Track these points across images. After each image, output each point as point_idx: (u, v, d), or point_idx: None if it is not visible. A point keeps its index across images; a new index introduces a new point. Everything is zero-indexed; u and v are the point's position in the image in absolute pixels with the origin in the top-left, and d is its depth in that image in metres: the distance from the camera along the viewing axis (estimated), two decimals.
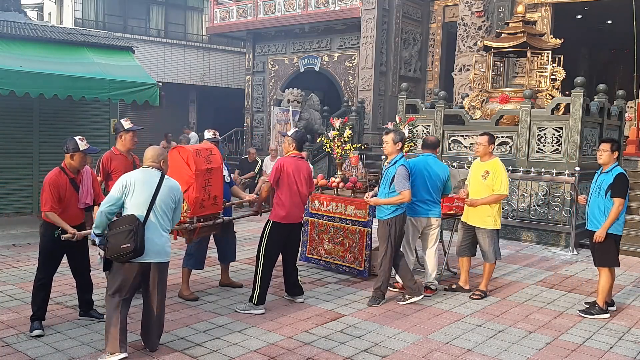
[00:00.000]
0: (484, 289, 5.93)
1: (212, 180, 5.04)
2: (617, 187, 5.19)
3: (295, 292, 5.58)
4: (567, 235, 8.53)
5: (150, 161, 4.20)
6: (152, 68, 19.21)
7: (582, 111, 8.76)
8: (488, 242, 5.82)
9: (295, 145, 5.41)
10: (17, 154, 8.74)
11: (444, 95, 10.63)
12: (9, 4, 10.07)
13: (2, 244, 7.70)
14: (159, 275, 4.17)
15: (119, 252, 3.91)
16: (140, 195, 4.04)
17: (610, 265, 5.33)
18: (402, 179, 5.25)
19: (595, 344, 4.69)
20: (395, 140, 5.43)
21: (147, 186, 4.08)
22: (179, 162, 4.94)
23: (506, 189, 5.80)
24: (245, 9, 19.11)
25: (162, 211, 4.12)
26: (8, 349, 4.20)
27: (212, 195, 5.08)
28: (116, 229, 3.95)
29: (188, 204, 4.90)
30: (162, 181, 4.15)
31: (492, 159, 5.88)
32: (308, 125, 14.49)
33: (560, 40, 10.29)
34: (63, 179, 4.58)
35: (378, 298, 5.53)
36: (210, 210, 5.13)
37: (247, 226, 9.52)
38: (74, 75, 7.64)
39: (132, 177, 4.11)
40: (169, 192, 4.17)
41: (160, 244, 4.10)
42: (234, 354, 4.24)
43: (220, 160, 5.21)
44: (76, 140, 4.61)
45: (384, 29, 15.65)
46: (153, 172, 4.17)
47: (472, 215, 5.91)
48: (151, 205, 4.05)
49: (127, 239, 3.89)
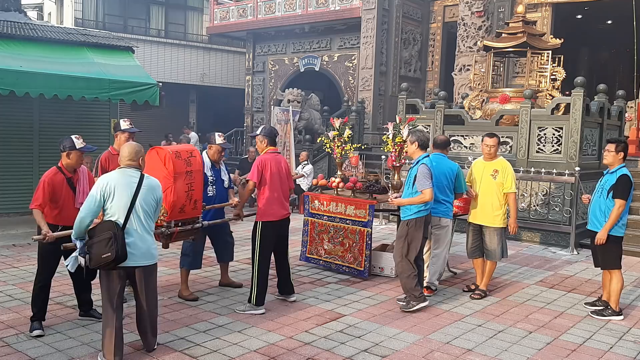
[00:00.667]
0: (484, 289, 5.93)
1: (194, 185, 4.91)
2: (619, 188, 5.17)
3: (287, 291, 5.56)
4: (567, 235, 8.53)
5: (128, 160, 4.03)
6: (152, 68, 19.21)
7: (582, 111, 8.77)
8: (497, 241, 5.82)
9: (267, 141, 5.35)
10: (17, 154, 8.74)
11: (444, 95, 10.63)
12: (9, 4, 10.06)
13: (2, 244, 7.70)
14: (145, 278, 4.06)
15: (100, 261, 3.83)
16: (120, 198, 3.89)
17: (612, 267, 5.31)
18: (422, 178, 5.21)
19: (595, 344, 4.69)
20: (411, 141, 5.46)
21: (127, 188, 3.93)
22: (156, 163, 4.80)
23: (515, 186, 5.87)
24: (245, 9, 19.12)
25: (144, 212, 3.99)
26: (8, 349, 4.20)
27: (194, 200, 4.96)
28: (95, 238, 3.84)
29: (165, 208, 4.72)
30: (142, 181, 4.01)
31: (498, 158, 5.92)
32: (308, 125, 14.49)
33: (560, 40, 10.29)
34: (59, 178, 4.56)
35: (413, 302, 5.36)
36: (190, 215, 5.00)
37: (247, 226, 9.47)
38: (74, 75, 7.64)
39: (110, 179, 3.94)
40: (149, 191, 4.04)
41: (145, 247, 3.99)
42: (234, 354, 4.24)
43: (201, 162, 5.09)
44: (72, 138, 4.59)
45: (384, 29, 15.65)
46: (132, 172, 4.02)
47: (480, 214, 5.91)
48: (131, 208, 3.91)
49: (107, 248, 3.78)
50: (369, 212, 6.37)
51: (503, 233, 5.88)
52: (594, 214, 5.38)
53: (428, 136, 5.69)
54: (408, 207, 5.36)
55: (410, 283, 5.32)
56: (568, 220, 8.62)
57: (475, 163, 6.14)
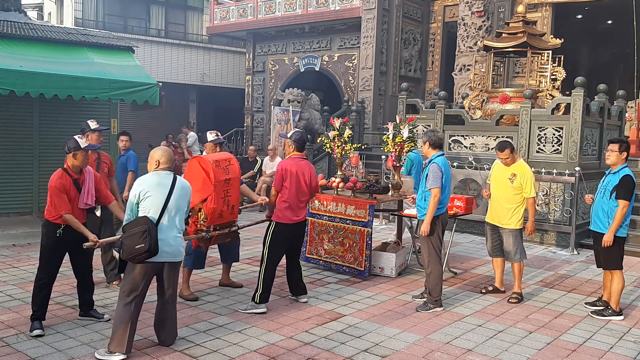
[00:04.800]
0: (519, 291, 5.85)
1: (230, 191, 5.10)
2: (622, 189, 5.15)
3: (299, 292, 5.59)
4: (567, 235, 8.52)
5: (162, 164, 4.28)
6: (152, 68, 19.20)
7: (582, 111, 8.76)
8: (512, 242, 5.81)
9: (295, 146, 5.47)
10: (17, 154, 8.74)
11: (444, 95, 10.63)
12: (9, 4, 10.06)
13: (2, 244, 7.70)
14: (173, 274, 4.30)
15: (133, 252, 4.00)
16: (154, 198, 4.13)
17: (613, 267, 5.31)
18: (432, 177, 5.35)
19: (595, 344, 4.69)
20: (424, 140, 5.57)
21: (162, 188, 4.17)
22: (198, 172, 4.97)
23: (535, 190, 5.83)
24: (245, 9, 19.11)
25: (175, 212, 4.22)
26: (8, 349, 4.20)
27: (231, 205, 5.15)
28: (130, 231, 4.05)
29: (206, 214, 4.96)
30: (174, 182, 4.25)
31: (518, 162, 5.86)
32: (308, 125, 14.48)
33: (561, 40, 10.29)
34: (67, 180, 4.55)
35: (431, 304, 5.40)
36: (227, 219, 5.20)
37: (249, 227, 9.46)
38: (74, 75, 7.64)
39: (146, 181, 4.20)
40: (181, 192, 4.28)
41: (175, 245, 4.23)
42: (234, 354, 4.24)
43: (238, 170, 5.25)
44: (76, 139, 4.63)
45: (384, 29, 15.64)
46: (165, 174, 4.26)
47: (496, 215, 5.91)
48: (164, 208, 4.15)
49: (141, 239, 3.98)
50: (369, 212, 6.37)
51: (519, 235, 5.86)
52: (596, 214, 5.37)
53: (440, 135, 5.74)
54: (423, 207, 5.48)
55: (437, 286, 5.44)
56: (568, 220, 8.61)
57: (495, 164, 6.07)
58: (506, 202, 5.80)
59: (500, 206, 5.86)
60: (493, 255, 6.08)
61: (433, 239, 5.43)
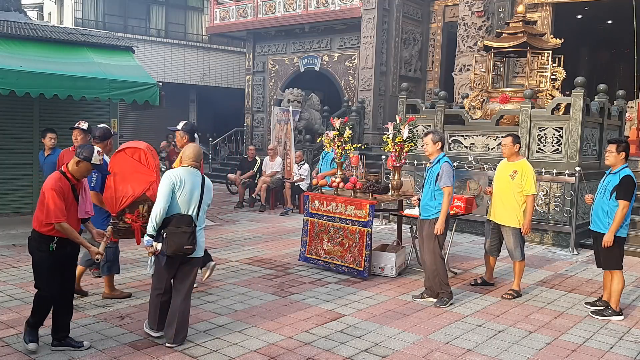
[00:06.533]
0: (517, 289, 5.93)
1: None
2: (622, 189, 5.15)
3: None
4: (567, 235, 8.52)
5: (192, 160, 4.33)
6: (152, 68, 19.23)
7: (582, 111, 8.76)
8: (513, 240, 5.87)
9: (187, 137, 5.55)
10: (17, 154, 8.73)
11: (444, 95, 10.63)
12: (9, 4, 10.07)
13: (2, 244, 7.70)
14: (194, 268, 4.43)
15: (180, 251, 4.16)
16: (187, 193, 4.21)
17: (614, 267, 5.31)
18: (446, 175, 5.42)
19: (595, 344, 4.69)
20: (434, 140, 5.59)
21: (194, 185, 4.25)
22: (131, 165, 4.74)
23: (535, 188, 5.89)
24: (245, 9, 19.12)
25: (202, 210, 4.35)
26: (8, 349, 4.20)
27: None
28: (175, 229, 4.14)
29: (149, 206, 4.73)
30: (204, 181, 4.34)
31: (519, 159, 5.96)
32: (308, 125, 14.49)
33: (561, 40, 10.28)
34: (65, 184, 4.11)
35: (446, 298, 5.55)
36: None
37: (247, 226, 9.52)
38: (74, 75, 7.63)
39: (179, 174, 4.23)
40: (208, 191, 4.39)
41: (202, 241, 4.39)
42: (234, 354, 4.24)
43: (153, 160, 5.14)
44: (94, 151, 4.18)
45: (384, 29, 15.64)
46: (195, 171, 4.32)
47: (497, 213, 5.96)
48: (199, 205, 4.27)
49: (189, 240, 4.14)
50: (369, 212, 6.37)
51: (519, 233, 5.90)
52: (596, 214, 5.37)
53: (442, 135, 5.81)
54: (432, 206, 5.52)
55: (445, 280, 5.56)
56: (568, 220, 8.61)
57: (500, 163, 6.20)
58: (508, 200, 5.85)
59: (502, 204, 5.91)
60: (488, 252, 6.22)
61: (441, 238, 5.53)
